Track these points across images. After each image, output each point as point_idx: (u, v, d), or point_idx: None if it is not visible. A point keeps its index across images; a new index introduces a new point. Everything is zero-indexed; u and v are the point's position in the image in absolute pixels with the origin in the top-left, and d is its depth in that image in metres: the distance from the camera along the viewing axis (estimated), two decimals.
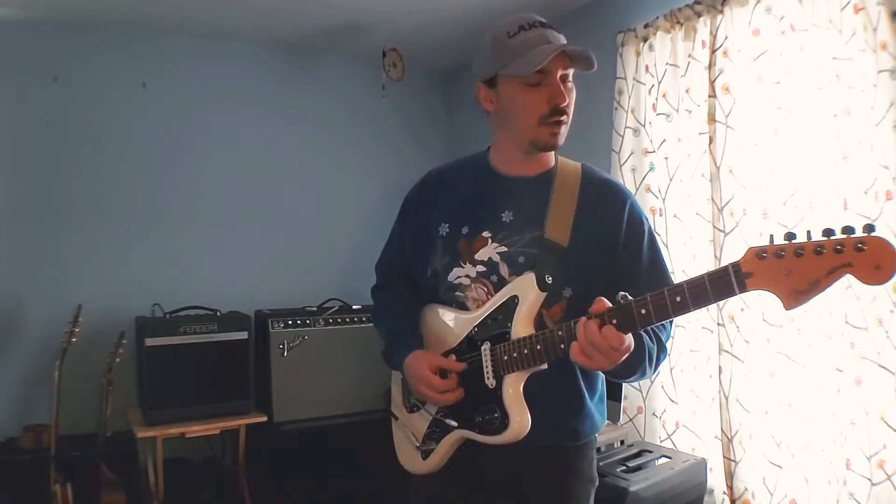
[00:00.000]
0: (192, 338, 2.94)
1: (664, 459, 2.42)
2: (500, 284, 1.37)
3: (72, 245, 3.17)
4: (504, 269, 1.38)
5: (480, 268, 1.40)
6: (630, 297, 1.16)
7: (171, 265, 3.35)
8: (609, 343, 1.15)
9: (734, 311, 2.33)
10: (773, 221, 2.25)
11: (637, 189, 2.72)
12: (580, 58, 1.34)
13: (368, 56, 3.59)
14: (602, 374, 1.45)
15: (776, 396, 2.27)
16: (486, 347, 1.34)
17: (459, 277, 1.42)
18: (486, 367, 1.33)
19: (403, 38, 3.40)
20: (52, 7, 2.99)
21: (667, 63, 2.62)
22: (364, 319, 3.26)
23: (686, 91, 2.54)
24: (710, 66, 2.40)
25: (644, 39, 2.71)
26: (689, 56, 2.53)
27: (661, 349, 1.37)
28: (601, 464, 2.19)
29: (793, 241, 1.01)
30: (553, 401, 1.36)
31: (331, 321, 3.24)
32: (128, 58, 3.30)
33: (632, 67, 2.76)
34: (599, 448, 2.39)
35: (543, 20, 1.38)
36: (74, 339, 2.73)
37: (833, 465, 2.11)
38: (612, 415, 2.55)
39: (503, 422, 1.30)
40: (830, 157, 2.09)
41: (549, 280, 1.31)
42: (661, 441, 2.65)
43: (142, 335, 2.91)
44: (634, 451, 2.48)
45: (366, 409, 3.18)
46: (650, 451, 2.48)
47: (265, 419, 3.03)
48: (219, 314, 3.09)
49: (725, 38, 2.36)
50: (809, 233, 1.00)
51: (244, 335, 3.06)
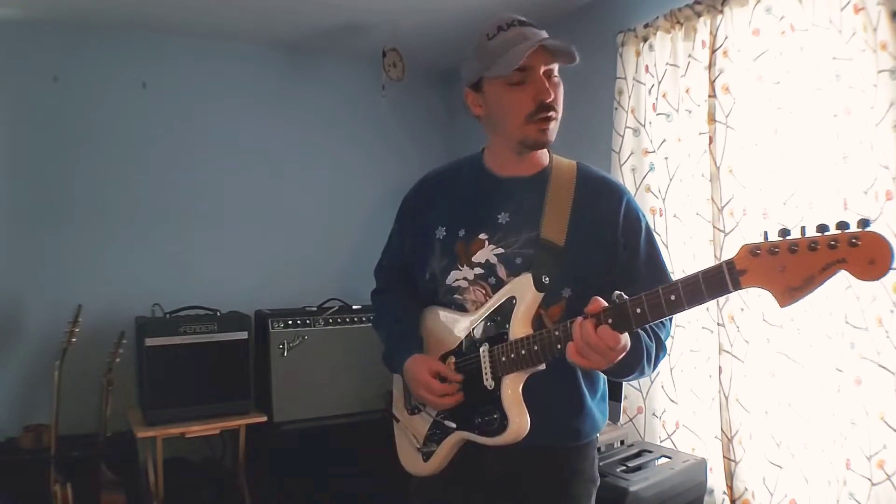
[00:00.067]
0: (192, 338, 2.94)
1: (664, 459, 2.42)
2: (498, 286, 1.37)
3: (72, 245, 3.17)
4: (501, 271, 1.37)
5: (478, 270, 1.39)
6: (625, 297, 1.15)
7: (171, 265, 3.35)
8: (605, 343, 1.14)
9: (734, 311, 2.33)
10: (774, 221, 2.24)
11: (637, 189, 2.71)
12: (561, 52, 1.33)
13: (368, 56, 3.59)
14: (603, 374, 1.44)
15: (776, 396, 2.27)
16: (485, 349, 1.33)
17: (457, 280, 1.42)
18: (485, 369, 1.33)
19: (403, 38, 3.40)
20: (52, 7, 2.99)
21: (667, 63, 2.62)
22: (364, 319, 3.26)
23: (686, 91, 2.54)
24: (710, 66, 2.40)
25: (644, 39, 2.71)
26: (689, 56, 2.53)
27: (661, 347, 1.37)
28: (601, 464, 2.19)
29: (787, 238, 1.00)
30: (553, 401, 1.35)
31: (331, 321, 3.24)
32: (128, 58, 3.30)
33: (632, 67, 2.76)
34: (599, 448, 2.38)
35: (523, 19, 1.37)
36: (74, 339, 2.73)
37: (833, 465, 2.11)
38: (612, 415, 2.55)
39: (502, 423, 1.29)
40: (830, 157, 2.09)
41: (546, 280, 1.30)
42: (661, 441, 2.65)
43: (142, 335, 2.91)
44: (634, 451, 2.48)
45: (366, 409, 3.18)
46: (650, 451, 2.48)
47: (265, 419, 3.03)
48: (219, 314, 3.09)
49: (725, 38, 2.36)
50: (804, 229, 0.99)
51: (244, 335, 3.06)
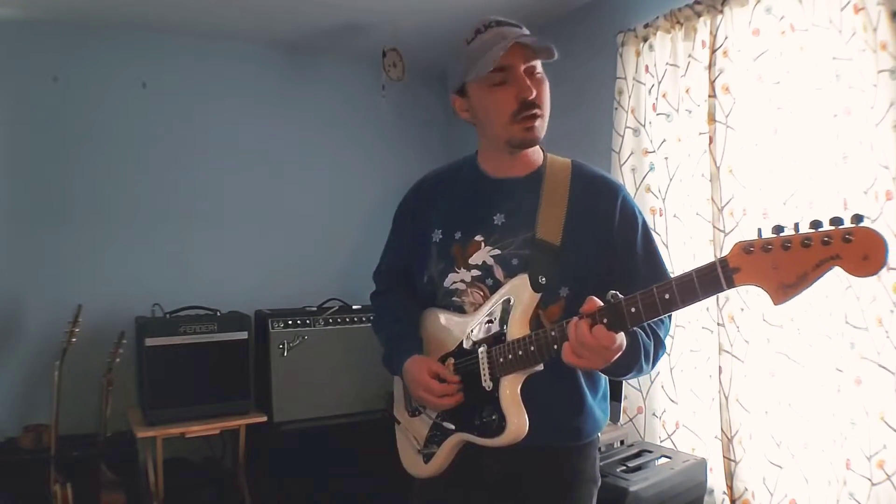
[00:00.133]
0: (192, 338, 2.94)
1: (664, 459, 2.42)
2: (496, 287, 1.36)
3: (72, 245, 3.17)
4: (499, 272, 1.37)
5: (475, 272, 1.39)
6: (620, 296, 1.14)
7: (171, 265, 3.35)
8: (599, 343, 1.14)
9: (734, 311, 2.33)
10: (774, 221, 2.22)
11: (637, 189, 2.72)
12: (540, 48, 1.33)
13: (368, 56, 3.59)
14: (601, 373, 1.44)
15: (776, 396, 2.27)
16: (483, 350, 1.33)
17: (455, 283, 1.41)
18: (483, 370, 1.32)
19: (403, 38, 3.40)
20: (52, 7, 2.99)
21: (667, 63, 2.62)
22: (364, 319, 3.26)
23: (686, 91, 2.54)
24: (710, 66, 2.40)
25: (644, 39, 2.71)
26: (689, 56, 2.53)
27: (660, 344, 1.36)
28: (601, 464, 2.19)
29: (780, 235, 0.99)
30: (553, 400, 1.35)
31: (331, 321, 3.23)
32: (128, 58, 3.30)
33: (632, 67, 2.76)
34: (600, 448, 2.38)
35: (501, 19, 1.37)
36: (74, 339, 2.73)
37: (833, 465, 2.11)
38: (613, 415, 2.55)
39: (500, 424, 1.29)
40: (830, 157, 2.09)
41: (543, 281, 1.30)
42: (661, 441, 2.65)
43: (142, 335, 2.90)
44: (634, 451, 2.48)
45: (366, 409, 3.18)
46: (650, 451, 2.48)
47: (265, 419, 3.03)
48: (219, 314, 3.09)
49: (725, 38, 2.36)
50: (797, 225, 0.98)
51: (244, 335, 3.06)
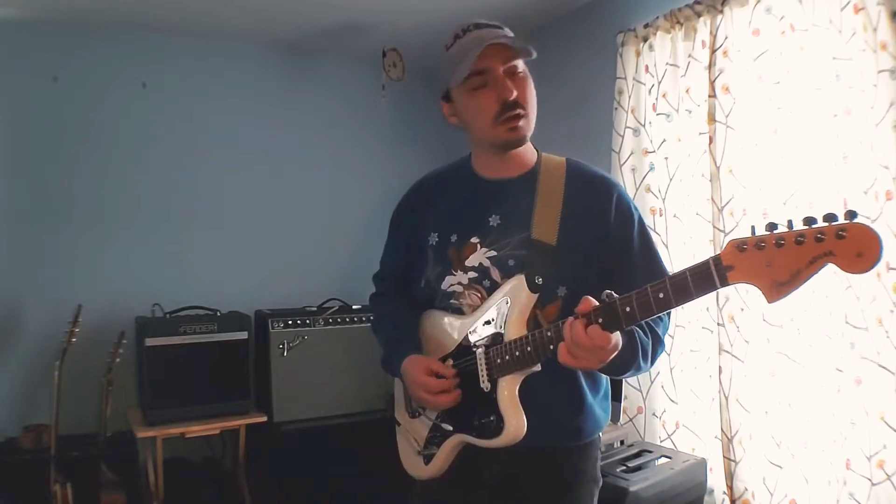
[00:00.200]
0: (192, 338, 2.94)
1: (664, 459, 2.42)
2: (493, 289, 1.36)
3: (72, 245, 3.17)
4: (495, 274, 1.37)
5: (472, 274, 1.39)
6: (615, 296, 1.14)
7: (171, 265, 3.35)
8: (594, 343, 1.13)
9: (734, 311, 2.33)
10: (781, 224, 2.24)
11: (637, 189, 2.72)
12: (518, 48, 1.33)
13: (368, 56, 3.59)
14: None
15: (776, 396, 2.27)
16: (481, 351, 1.33)
17: (452, 286, 1.41)
18: (481, 371, 1.32)
19: (403, 38, 3.40)
20: (52, 7, 2.99)
21: (667, 63, 2.62)
22: (364, 319, 3.26)
23: (686, 91, 2.54)
24: (710, 66, 2.40)
25: (644, 39, 2.71)
26: (689, 56, 2.53)
27: (658, 342, 1.35)
28: (601, 464, 2.19)
29: (774, 232, 0.98)
30: (552, 400, 1.35)
31: (331, 321, 3.23)
32: (128, 58, 3.30)
33: (632, 67, 2.76)
34: (600, 448, 2.39)
35: (481, 21, 1.38)
36: (74, 339, 2.73)
37: (833, 465, 2.11)
38: (613, 415, 2.54)
39: (498, 425, 1.29)
40: (830, 157, 2.09)
41: (540, 281, 1.30)
42: (661, 441, 2.66)
43: (142, 335, 2.90)
44: (634, 451, 2.48)
45: (366, 409, 3.18)
46: (650, 451, 2.48)
47: (265, 419, 3.03)
48: (219, 314, 3.09)
49: (725, 38, 2.36)
50: (791, 222, 0.97)
51: (244, 335, 3.06)
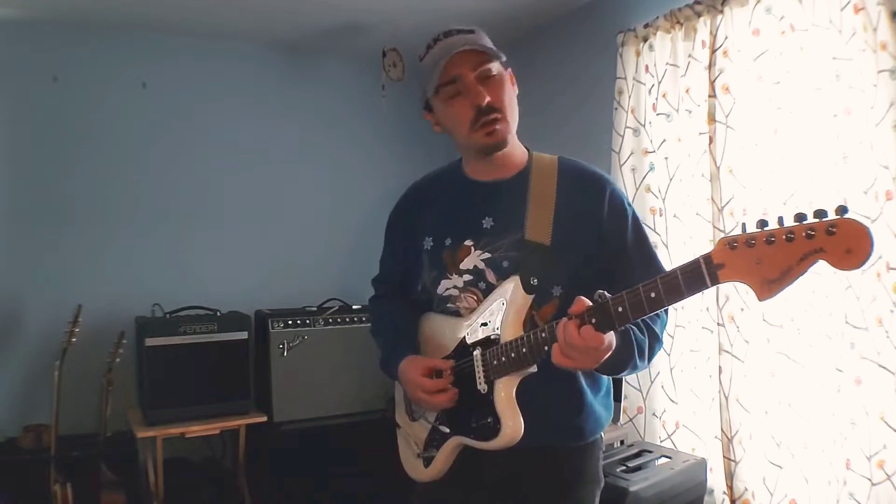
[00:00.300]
0: (192, 338, 2.94)
1: (664, 459, 2.42)
2: (489, 291, 1.36)
3: (72, 245, 3.17)
4: (490, 276, 1.36)
5: (467, 277, 1.39)
6: (608, 296, 1.13)
7: (171, 265, 3.35)
8: (587, 343, 1.12)
9: (734, 311, 2.33)
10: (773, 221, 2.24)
11: (637, 189, 2.72)
12: (486, 51, 1.33)
13: (368, 56, 3.59)
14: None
15: (776, 396, 2.27)
16: (478, 353, 1.33)
17: (448, 289, 1.41)
18: (478, 373, 1.32)
19: (403, 38, 3.40)
20: (52, 7, 2.99)
21: (667, 63, 2.62)
22: (364, 319, 3.26)
23: (686, 91, 2.54)
24: (710, 66, 2.40)
25: (644, 39, 2.71)
26: (689, 56, 2.53)
27: (655, 339, 1.34)
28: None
29: (764, 229, 0.97)
30: (551, 400, 1.34)
31: (331, 321, 3.23)
32: (128, 58, 3.30)
33: (632, 67, 2.76)
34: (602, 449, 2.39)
35: (451, 28, 1.38)
36: (74, 339, 2.73)
37: (833, 465, 2.11)
38: (613, 414, 2.55)
39: (495, 427, 1.28)
40: (830, 157, 2.09)
41: (535, 282, 1.30)
42: (661, 441, 2.66)
43: (142, 335, 2.91)
44: (634, 451, 2.48)
45: (366, 409, 3.18)
46: (650, 451, 2.48)
47: (265, 419, 3.03)
48: (219, 314, 3.09)
49: (725, 38, 2.36)
50: (781, 219, 0.96)
51: (244, 335, 3.06)
